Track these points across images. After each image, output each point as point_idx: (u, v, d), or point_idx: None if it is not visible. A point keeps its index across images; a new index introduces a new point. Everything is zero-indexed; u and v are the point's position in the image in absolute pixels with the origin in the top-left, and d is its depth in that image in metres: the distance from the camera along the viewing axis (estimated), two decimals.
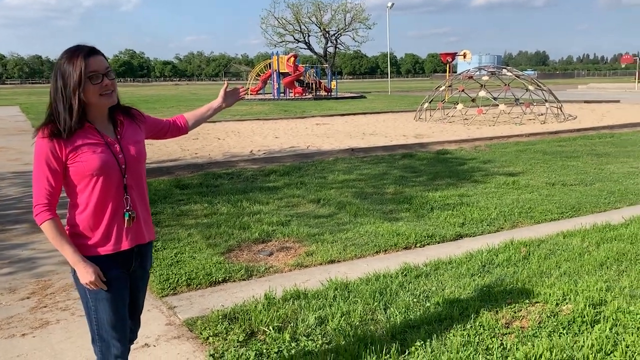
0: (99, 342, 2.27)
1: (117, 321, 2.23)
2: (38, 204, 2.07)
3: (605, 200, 6.85)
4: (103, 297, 2.18)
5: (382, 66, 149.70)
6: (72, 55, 2.03)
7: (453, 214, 6.20)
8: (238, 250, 5.12)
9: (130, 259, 2.27)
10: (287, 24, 50.21)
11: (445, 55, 32.32)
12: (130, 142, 2.22)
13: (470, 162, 9.99)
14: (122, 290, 2.25)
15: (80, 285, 2.19)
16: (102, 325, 2.23)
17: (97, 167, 2.08)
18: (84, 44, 2.08)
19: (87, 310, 2.25)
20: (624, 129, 15.31)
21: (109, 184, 2.13)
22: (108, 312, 2.20)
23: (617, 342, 3.15)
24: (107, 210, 2.15)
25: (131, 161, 2.20)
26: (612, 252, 4.73)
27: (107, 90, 2.08)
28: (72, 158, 2.06)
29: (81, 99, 2.04)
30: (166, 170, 9.27)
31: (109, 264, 2.18)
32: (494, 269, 4.42)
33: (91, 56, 2.04)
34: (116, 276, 2.21)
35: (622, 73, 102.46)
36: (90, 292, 2.18)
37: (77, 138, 2.07)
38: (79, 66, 2.01)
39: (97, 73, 2.04)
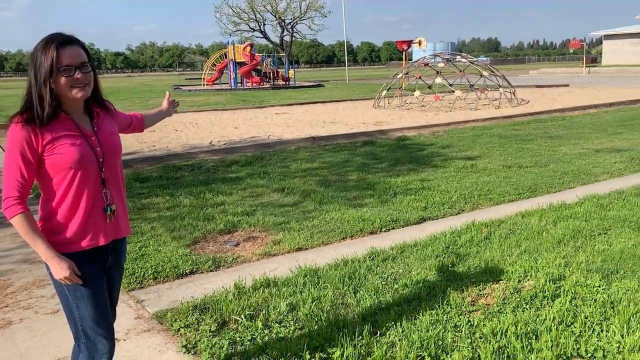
0: (84, 339, 2.21)
1: (100, 317, 2.18)
2: (8, 197, 1.98)
3: (559, 180, 7.11)
4: (84, 294, 2.13)
5: (339, 55, 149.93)
6: (45, 44, 1.97)
7: (415, 198, 6.31)
8: (204, 241, 5.08)
9: (106, 254, 2.22)
10: (242, 12, 49.73)
11: (401, 43, 32.63)
12: (107, 134, 2.18)
13: (429, 147, 10.17)
14: (101, 286, 2.20)
15: (58, 283, 2.13)
16: (86, 322, 2.17)
17: (76, 159, 2.02)
18: (60, 33, 2.01)
19: (68, 308, 2.18)
20: (574, 111, 15.87)
21: (87, 177, 2.07)
22: (90, 308, 2.15)
23: (577, 314, 3.30)
24: (84, 205, 2.08)
25: (108, 153, 2.15)
26: (568, 229, 4.92)
27: (79, 83, 2.01)
28: (49, 150, 1.99)
29: (52, 89, 1.97)
30: (124, 164, 9.05)
31: (85, 259, 2.12)
32: (457, 250, 4.54)
33: (65, 47, 1.97)
34: (93, 272, 2.15)
35: (570, 58, 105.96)
36: (70, 290, 2.12)
37: (54, 129, 2.00)
38: (50, 56, 1.94)
39: (69, 65, 1.97)
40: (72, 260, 2.08)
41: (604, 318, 3.25)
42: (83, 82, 2.02)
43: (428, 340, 3.03)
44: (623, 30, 56.55)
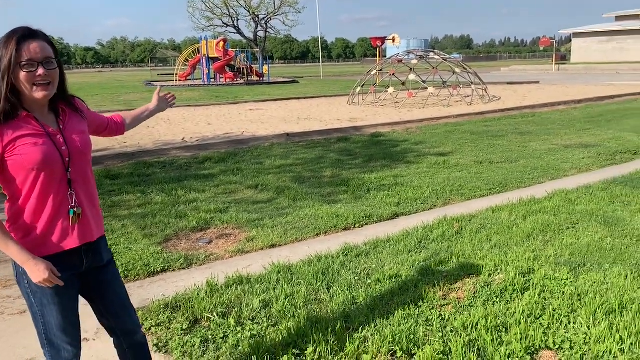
0: (48, 346, 2.11)
1: (66, 325, 2.09)
2: None
3: (529, 176, 7.24)
4: (50, 302, 2.01)
5: (314, 51, 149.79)
6: (7, 38, 1.85)
7: (389, 194, 6.35)
8: (176, 239, 5.02)
9: (80, 258, 2.09)
10: (215, 7, 49.22)
11: (375, 40, 32.76)
12: (74, 132, 2.04)
13: (403, 144, 10.24)
14: (69, 293, 2.08)
15: (23, 289, 2.03)
16: (51, 330, 2.07)
17: (39, 160, 1.89)
18: (25, 26, 1.89)
19: (33, 315, 2.08)
20: (544, 108, 16.17)
21: (51, 178, 1.95)
22: (56, 316, 2.05)
23: (545, 307, 3.36)
24: (49, 207, 1.96)
25: (75, 153, 2.02)
26: (537, 224, 5.02)
27: (42, 80, 1.88)
28: (10, 150, 1.88)
29: (10, 85, 1.85)
30: (94, 161, 8.88)
31: (54, 265, 1.97)
32: (429, 245, 4.58)
33: (27, 41, 1.85)
34: (66, 278, 2.01)
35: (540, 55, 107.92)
36: (35, 297, 2.02)
37: (14, 128, 1.88)
38: (11, 50, 1.82)
39: (31, 60, 1.85)
40: None
41: (572, 310, 3.32)
42: (46, 80, 1.89)
43: (400, 334, 3.05)
44: (591, 28, 57.83)
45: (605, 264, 4.04)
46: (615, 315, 3.24)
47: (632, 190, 6.14)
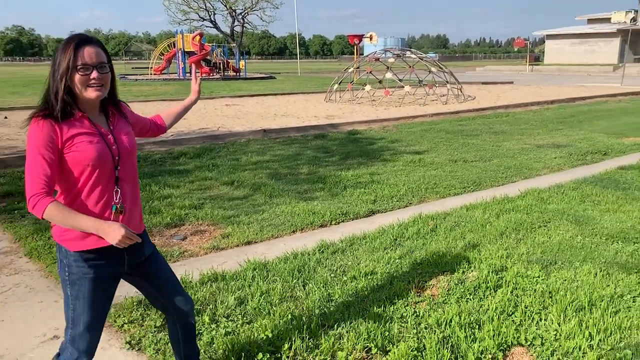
0: (70, 344, 2.18)
1: (93, 322, 2.15)
2: (33, 194, 1.89)
3: (502, 174, 7.35)
4: (84, 297, 2.09)
5: (291, 47, 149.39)
6: (66, 43, 1.99)
7: (365, 191, 6.37)
8: (150, 235, 4.95)
9: (122, 256, 2.15)
10: (191, 1, 48.62)
11: (353, 37, 32.82)
12: (122, 133, 2.17)
13: (379, 141, 10.29)
14: (106, 291, 2.15)
15: (63, 279, 2.11)
16: (77, 323, 2.14)
17: (94, 157, 2.01)
18: (82, 33, 2.04)
19: (65, 305, 2.15)
20: (517, 108, 16.42)
21: (102, 175, 2.05)
22: (86, 312, 2.12)
23: (518, 304, 3.42)
24: (96, 202, 2.05)
25: (124, 152, 2.13)
26: (510, 222, 5.10)
27: (96, 83, 2.01)
28: (68, 147, 1.98)
29: (67, 87, 1.98)
30: None
31: (97, 260, 2.07)
32: (404, 242, 4.62)
33: (83, 46, 1.98)
34: (104, 275, 2.11)
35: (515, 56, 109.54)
36: (72, 288, 2.09)
37: (72, 126, 2.00)
38: (69, 55, 1.96)
39: (86, 64, 1.97)
40: (84, 260, 2.06)
41: (543, 307, 3.39)
42: (99, 82, 2.02)
43: (375, 331, 3.07)
44: (564, 30, 58.92)
45: (575, 262, 4.12)
46: (584, 312, 3.31)
47: (602, 190, 6.28)
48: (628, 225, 5.01)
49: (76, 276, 2.07)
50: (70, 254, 2.06)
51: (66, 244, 2.05)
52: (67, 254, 2.07)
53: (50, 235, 4.81)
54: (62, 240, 2.06)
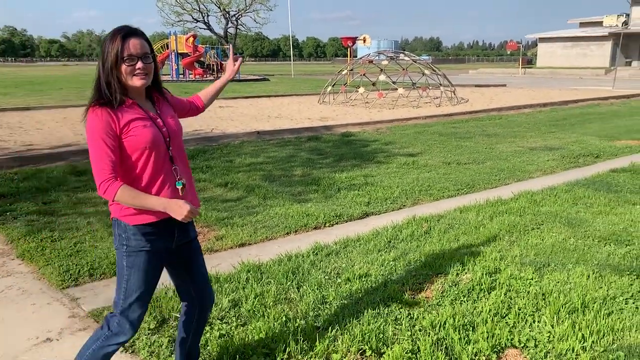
0: (121, 307, 2.29)
1: (143, 294, 2.29)
2: (103, 180, 2.05)
3: (496, 177, 7.38)
4: (140, 268, 2.24)
5: (285, 49, 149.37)
6: (112, 35, 2.12)
7: (359, 193, 6.38)
8: None
9: (173, 232, 2.31)
10: (185, 2, 48.55)
11: (346, 40, 32.85)
12: (168, 116, 2.33)
13: (373, 143, 10.31)
14: (157, 266, 2.31)
15: (120, 253, 2.25)
16: (129, 296, 2.27)
17: (150, 140, 2.16)
18: (127, 25, 2.17)
19: (119, 277, 2.28)
20: (510, 111, 16.50)
21: (158, 156, 2.20)
22: (139, 283, 2.26)
23: (511, 306, 3.43)
24: (158, 181, 2.21)
25: (173, 133, 2.30)
26: (504, 224, 5.12)
27: (141, 72, 2.15)
28: (126, 132, 2.12)
29: (116, 76, 2.12)
30: (59, 156, 8.68)
31: (153, 234, 2.23)
32: (398, 244, 4.62)
33: (130, 38, 2.12)
34: (158, 249, 2.26)
35: (507, 59, 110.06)
36: (128, 259, 2.23)
37: (126, 113, 2.14)
38: (116, 46, 2.09)
39: (132, 55, 2.11)
40: (140, 232, 2.19)
41: (536, 309, 3.40)
42: (144, 72, 2.16)
43: (369, 333, 3.07)
44: (556, 34, 59.30)
45: (568, 264, 4.14)
46: (577, 314, 3.33)
47: (594, 193, 6.32)
48: (620, 227, 5.04)
49: (133, 248, 2.22)
50: (129, 227, 2.19)
51: (126, 218, 2.19)
52: (126, 228, 2.20)
53: (43, 238, 4.78)
54: (122, 216, 2.19)
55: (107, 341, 2.31)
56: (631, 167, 7.79)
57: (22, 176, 7.26)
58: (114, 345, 2.32)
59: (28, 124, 12.87)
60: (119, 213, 2.20)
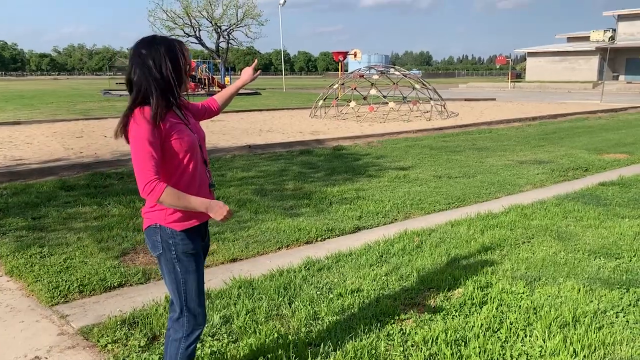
0: (187, 313, 2.40)
1: (200, 292, 2.42)
2: (148, 182, 2.10)
3: (486, 190, 7.41)
4: (193, 269, 2.35)
5: (276, 63, 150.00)
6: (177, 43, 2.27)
7: (351, 207, 6.39)
8: (133, 253, 4.90)
9: (205, 231, 2.47)
10: (176, 17, 48.67)
11: (337, 54, 33.06)
12: (195, 123, 2.44)
13: (364, 157, 10.34)
14: (203, 262, 2.46)
15: (169, 259, 2.31)
16: (190, 296, 2.37)
17: (191, 142, 2.26)
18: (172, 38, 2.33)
19: (175, 284, 2.35)
20: (500, 124, 16.64)
21: (196, 159, 2.30)
22: (195, 282, 2.37)
23: (503, 321, 3.44)
24: (196, 184, 2.30)
25: (202, 139, 2.41)
26: (495, 238, 5.14)
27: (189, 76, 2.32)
28: (171, 135, 2.20)
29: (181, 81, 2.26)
30: (49, 171, 8.63)
31: (196, 236, 2.34)
32: (390, 259, 4.62)
33: (183, 46, 2.30)
34: (199, 249, 2.38)
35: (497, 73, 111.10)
36: (181, 264, 2.31)
37: (167, 118, 2.21)
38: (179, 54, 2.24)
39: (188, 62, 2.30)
40: (186, 236, 2.29)
41: (528, 324, 3.41)
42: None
43: (362, 349, 3.06)
44: (544, 48, 60.03)
45: (559, 277, 4.16)
46: (569, 328, 3.33)
47: (584, 206, 6.36)
48: (610, 241, 5.08)
49: (183, 254, 2.30)
50: (177, 233, 2.27)
51: (173, 225, 2.26)
52: (173, 234, 2.27)
53: (33, 254, 4.73)
54: (168, 222, 2.26)
55: (187, 340, 2.43)
56: (620, 181, 7.87)
57: (11, 191, 7.21)
58: (195, 341, 2.45)
59: (18, 138, 12.80)
60: (165, 220, 2.26)
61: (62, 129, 15.07)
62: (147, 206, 2.30)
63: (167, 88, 2.21)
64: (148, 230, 2.31)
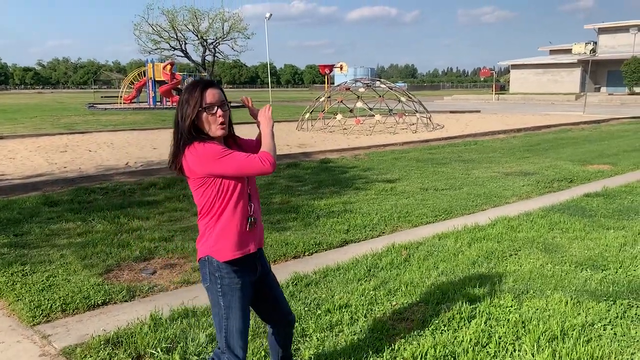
0: (227, 350, 2.41)
1: (244, 329, 2.41)
2: (257, 162, 2.26)
3: (472, 202, 7.44)
4: (236, 305, 2.36)
5: (262, 76, 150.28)
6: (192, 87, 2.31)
7: (338, 221, 6.36)
8: (118, 270, 4.82)
9: (255, 263, 2.47)
10: (162, 31, 48.50)
11: (324, 67, 33.27)
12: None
13: (351, 170, 10.34)
14: (250, 298, 2.45)
15: (214, 291, 2.36)
16: (231, 333, 2.39)
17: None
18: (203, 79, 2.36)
19: (218, 320, 2.40)
20: (485, 136, 16.78)
21: (242, 192, 2.37)
22: (238, 320, 2.38)
23: (491, 335, 3.42)
24: (239, 216, 2.36)
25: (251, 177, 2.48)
26: (482, 251, 5.14)
27: (221, 121, 2.32)
28: None
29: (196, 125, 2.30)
30: (32, 187, 8.51)
31: (241, 269, 2.37)
32: (378, 273, 4.60)
33: (207, 89, 2.30)
34: (247, 284, 2.40)
35: (481, 85, 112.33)
36: (224, 298, 2.35)
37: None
38: (195, 97, 2.28)
39: (211, 104, 2.29)
40: (231, 269, 2.34)
41: (516, 337, 3.39)
42: (224, 121, 2.33)
43: None
44: (528, 61, 60.90)
45: (546, 290, 4.16)
46: (557, 341, 3.33)
47: (569, 218, 6.40)
48: (596, 252, 5.10)
49: (227, 287, 2.35)
50: (222, 266, 2.33)
51: (217, 254, 2.33)
52: (219, 267, 2.34)
53: (14, 272, 4.64)
54: (213, 251, 2.33)
55: None
56: (604, 192, 7.95)
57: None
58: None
59: (0, 153, 12.62)
60: (211, 248, 2.34)
61: (46, 143, 14.91)
62: (199, 238, 2.40)
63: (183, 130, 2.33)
64: (200, 262, 2.40)
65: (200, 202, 2.35)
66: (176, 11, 48.07)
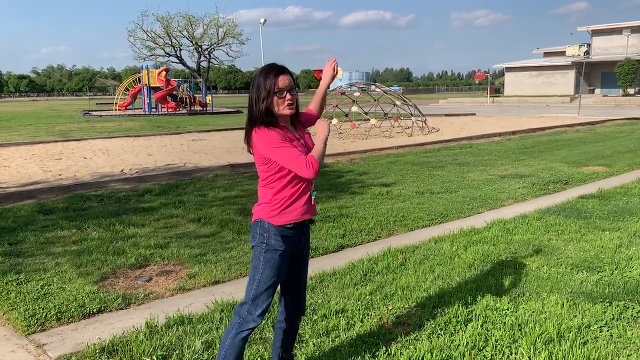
0: (250, 302, 2.61)
1: (271, 290, 2.62)
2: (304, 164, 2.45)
3: (468, 206, 7.44)
4: (274, 265, 2.60)
5: None
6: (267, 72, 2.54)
7: (334, 225, 6.36)
8: (113, 277, 4.80)
9: (300, 236, 2.69)
10: (157, 37, 48.54)
11: (319, 72, 33.15)
12: (307, 138, 2.73)
13: (347, 174, 10.34)
14: (286, 267, 2.68)
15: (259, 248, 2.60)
16: (261, 288, 2.60)
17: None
18: (276, 63, 2.58)
19: (254, 272, 2.62)
20: (480, 139, 16.81)
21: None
22: (271, 279, 2.60)
23: (488, 338, 3.42)
24: (301, 189, 2.63)
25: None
26: (478, 254, 5.14)
27: (289, 103, 2.56)
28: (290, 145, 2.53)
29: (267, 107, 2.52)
30: (27, 195, 8.48)
31: (287, 237, 2.61)
32: (374, 277, 4.59)
33: (280, 75, 2.53)
34: (287, 252, 2.63)
35: (476, 88, 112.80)
36: (265, 255, 2.59)
37: (285, 132, 2.56)
38: (270, 82, 2.51)
39: (282, 89, 2.52)
40: (280, 233, 2.59)
41: (513, 340, 3.39)
42: (292, 102, 2.57)
43: None
44: (522, 63, 61.15)
45: (542, 292, 4.17)
46: (554, 344, 3.33)
47: (565, 220, 6.41)
48: (591, 254, 5.11)
49: (272, 248, 2.59)
50: (272, 228, 2.58)
51: (272, 219, 2.58)
52: (269, 229, 2.58)
53: (9, 281, 4.62)
54: (268, 217, 2.59)
55: (240, 327, 2.63)
56: (599, 193, 7.97)
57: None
58: (246, 331, 2.63)
59: None
60: (266, 215, 2.60)
61: (41, 151, 14.87)
62: (257, 204, 2.66)
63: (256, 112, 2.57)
64: (253, 223, 2.65)
65: (263, 175, 2.62)
66: (171, 17, 48.17)
